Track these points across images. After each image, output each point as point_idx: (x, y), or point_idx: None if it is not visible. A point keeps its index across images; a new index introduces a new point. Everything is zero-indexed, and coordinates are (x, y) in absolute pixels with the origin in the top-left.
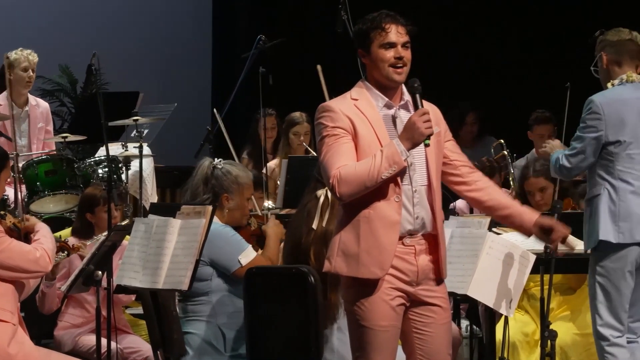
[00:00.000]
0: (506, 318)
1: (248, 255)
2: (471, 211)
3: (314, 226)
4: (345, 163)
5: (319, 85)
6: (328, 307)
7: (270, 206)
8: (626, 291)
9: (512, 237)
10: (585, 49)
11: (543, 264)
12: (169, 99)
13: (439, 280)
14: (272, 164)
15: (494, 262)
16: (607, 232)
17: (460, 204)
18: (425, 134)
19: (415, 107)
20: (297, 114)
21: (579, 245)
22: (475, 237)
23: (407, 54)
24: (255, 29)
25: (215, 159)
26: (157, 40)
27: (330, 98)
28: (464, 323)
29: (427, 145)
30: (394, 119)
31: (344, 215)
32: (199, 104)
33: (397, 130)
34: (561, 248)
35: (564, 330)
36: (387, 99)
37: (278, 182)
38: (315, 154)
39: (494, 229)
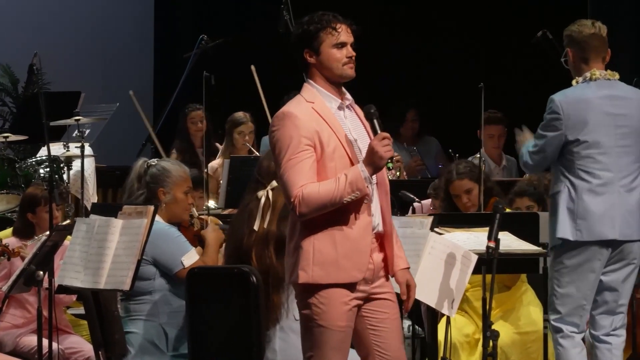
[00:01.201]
0: (448, 318)
1: (191, 257)
2: (413, 211)
3: (256, 227)
4: (306, 182)
5: (267, 85)
6: (271, 307)
7: (212, 206)
8: (586, 289)
9: (454, 237)
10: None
11: (485, 264)
12: (110, 99)
13: (387, 276)
14: (215, 163)
15: (436, 262)
16: (565, 230)
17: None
18: (385, 158)
19: (374, 132)
20: (240, 114)
21: None
22: (417, 237)
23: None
24: (197, 29)
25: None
26: (99, 40)
27: (267, 99)
28: (406, 323)
29: (389, 169)
30: (343, 119)
31: (313, 223)
32: (140, 104)
33: (349, 130)
34: None
35: (503, 330)
36: (339, 101)
37: (221, 181)
38: (259, 155)
39: (436, 229)
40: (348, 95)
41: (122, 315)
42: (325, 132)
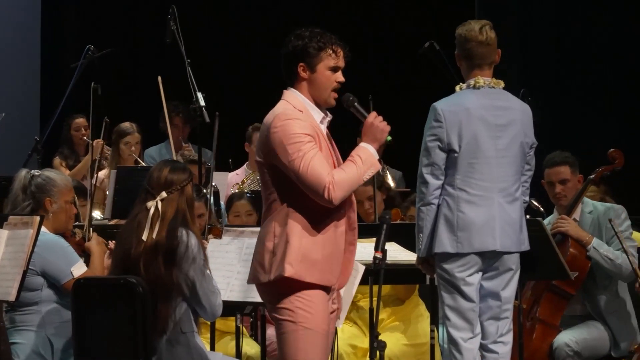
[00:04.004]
0: (335, 329)
1: (80, 268)
2: None
3: (144, 237)
4: (330, 169)
5: (153, 96)
6: (158, 318)
7: (98, 217)
8: (472, 295)
9: None
10: (396, 60)
11: (372, 275)
12: None
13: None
14: (102, 174)
15: None
16: (444, 243)
17: None
18: (386, 131)
19: (361, 114)
20: (127, 125)
21: None
22: None
23: None
24: (84, 38)
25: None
26: None
27: (168, 109)
28: None
29: (388, 142)
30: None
31: (302, 222)
32: (26, 114)
33: (329, 145)
34: None
35: (393, 340)
36: (322, 115)
37: (107, 192)
38: (145, 165)
39: None
40: (328, 113)
41: (7, 326)
42: (318, 137)
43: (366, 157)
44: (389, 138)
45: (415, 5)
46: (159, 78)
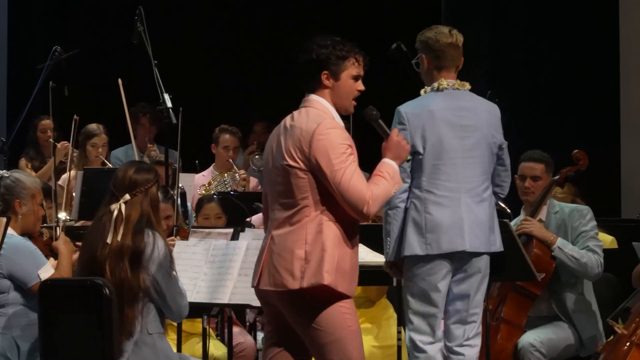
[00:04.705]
0: None
1: (48, 270)
2: None
3: (108, 240)
4: (367, 184)
5: (120, 97)
6: (124, 321)
7: (64, 218)
8: (438, 300)
9: None
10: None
11: None
12: None
13: None
14: (68, 175)
15: None
16: (413, 246)
17: (256, 218)
18: (408, 150)
19: (383, 131)
20: (94, 126)
21: None
22: None
23: None
24: (51, 39)
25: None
26: None
27: (130, 111)
28: (260, 335)
29: (408, 161)
30: None
31: (335, 232)
32: None
33: None
34: None
35: (363, 342)
36: (341, 121)
37: (74, 193)
38: (112, 166)
39: None
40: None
41: None
42: (353, 145)
43: (393, 173)
44: (409, 157)
45: (381, 9)
46: (119, 80)
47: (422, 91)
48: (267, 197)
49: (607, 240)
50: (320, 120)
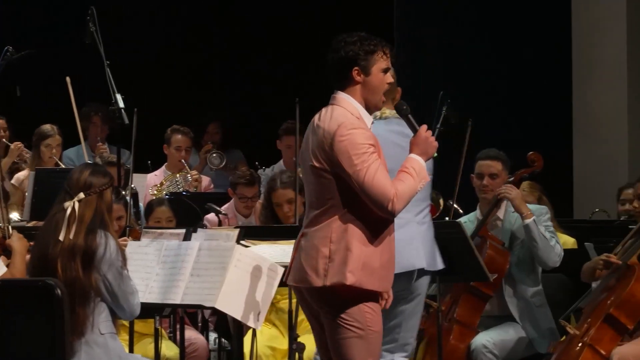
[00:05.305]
0: (254, 330)
1: (0, 268)
2: (219, 224)
3: (61, 238)
4: (392, 182)
5: (67, 97)
6: (76, 320)
7: (16, 218)
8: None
9: (260, 250)
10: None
11: None
12: None
13: None
14: (21, 175)
15: (242, 274)
16: None
17: (210, 216)
18: (436, 147)
19: (412, 126)
20: (48, 127)
21: None
22: (223, 249)
23: None
24: (3, 39)
25: None
26: None
27: (79, 111)
28: (212, 336)
29: (435, 158)
30: None
31: (362, 229)
32: None
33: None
34: None
35: (312, 342)
36: (371, 119)
37: (26, 194)
38: (65, 167)
39: (242, 242)
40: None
41: None
42: (377, 144)
43: (419, 169)
44: (436, 154)
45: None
46: (67, 79)
47: None
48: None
49: (569, 241)
50: (342, 121)
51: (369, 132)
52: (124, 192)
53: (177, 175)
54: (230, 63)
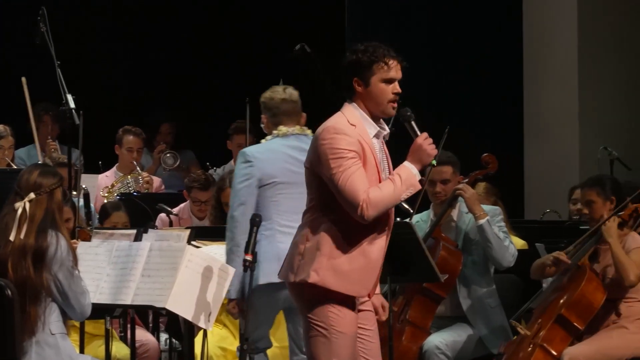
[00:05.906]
0: (205, 331)
1: None
2: (170, 224)
3: (12, 238)
4: (366, 187)
5: (22, 97)
6: (27, 320)
7: None
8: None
9: (211, 250)
10: (266, 66)
11: None
12: None
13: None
14: None
15: (193, 275)
16: (269, 274)
17: (162, 216)
18: (432, 155)
19: (414, 133)
20: (0, 127)
21: None
22: (174, 250)
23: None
24: None
25: None
26: None
27: (33, 111)
28: (163, 336)
29: (433, 166)
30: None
31: (337, 232)
32: None
33: (380, 159)
34: None
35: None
36: (378, 129)
37: None
38: (15, 167)
39: (193, 242)
40: (385, 126)
41: None
42: (368, 154)
43: (407, 176)
44: (434, 162)
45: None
46: (23, 79)
47: (262, 140)
48: None
49: (519, 243)
50: (329, 125)
51: (354, 139)
52: (73, 193)
53: (129, 176)
54: (184, 62)
